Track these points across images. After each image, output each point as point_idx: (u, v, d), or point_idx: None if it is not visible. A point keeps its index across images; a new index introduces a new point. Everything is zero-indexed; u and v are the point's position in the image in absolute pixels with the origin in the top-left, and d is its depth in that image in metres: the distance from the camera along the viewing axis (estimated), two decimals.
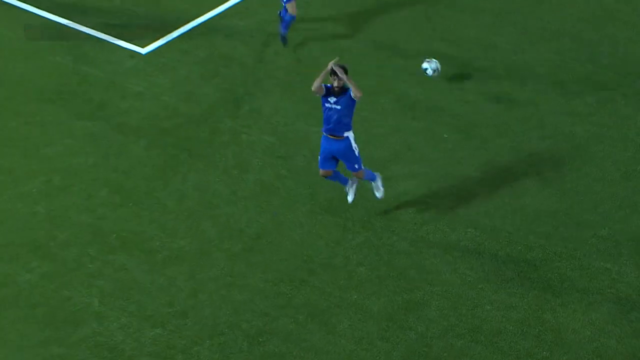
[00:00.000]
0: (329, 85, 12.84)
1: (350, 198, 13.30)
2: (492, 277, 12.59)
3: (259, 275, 12.69)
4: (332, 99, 12.73)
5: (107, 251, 13.00)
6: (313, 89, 12.65)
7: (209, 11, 17.01)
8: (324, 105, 12.81)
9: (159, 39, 16.56)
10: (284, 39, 16.09)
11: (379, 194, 13.31)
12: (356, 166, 12.96)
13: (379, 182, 13.32)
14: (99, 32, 16.65)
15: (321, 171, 13.04)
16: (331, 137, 12.83)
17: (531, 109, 15.28)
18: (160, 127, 15.01)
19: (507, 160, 14.37)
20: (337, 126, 12.73)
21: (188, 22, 16.95)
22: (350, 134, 12.83)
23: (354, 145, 12.86)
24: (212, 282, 12.59)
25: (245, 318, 12.15)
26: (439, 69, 15.08)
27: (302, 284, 12.57)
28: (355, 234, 13.20)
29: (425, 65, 15.09)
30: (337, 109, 12.74)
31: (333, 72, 12.66)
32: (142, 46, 16.48)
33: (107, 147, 14.60)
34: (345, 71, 12.68)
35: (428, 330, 11.97)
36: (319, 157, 12.98)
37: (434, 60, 15.16)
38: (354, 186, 13.31)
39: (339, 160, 13.04)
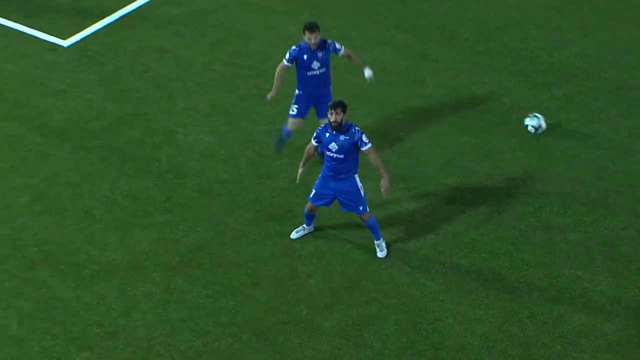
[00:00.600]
0: (321, 127, 12.45)
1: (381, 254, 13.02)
2: (454, 288, 12.63)
3: (198, 290, 12.61)
4: (333, 146, 12.34)
5: (27, 266, 12.85)
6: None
7: None
8: (324, 150, 12.49)
9: (83, 29, 16.49)
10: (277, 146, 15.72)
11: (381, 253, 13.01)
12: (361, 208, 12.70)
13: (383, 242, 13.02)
14: (13, 23, 16.49)
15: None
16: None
17: (494, 104, 15.39)
18: (85, 128, 14.91)
19: (470, 160, 14.45)
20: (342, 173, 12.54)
21: (115, 11, 16.88)
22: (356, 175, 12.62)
23: (359, 185, 12.63)
24: (146, 299, 12.49)
25: (184, 338, 12.07)
26: (543, 127, 14.38)
27: (247, 299, 12.51)
28: (304, 243, 13.18)
29: (527, 121, 14.50)
30: (340, 158, 12.42)
31: (331, 106, 12.31)
32: (64, 38, 16.37)
33: (26, 151, 14.48)
34: (343, 109, 12.29)
35: (385, 348, 11.96)
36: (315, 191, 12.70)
37: (538, 115, 14.51)
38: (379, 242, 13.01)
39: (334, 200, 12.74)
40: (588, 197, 13.85)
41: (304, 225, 13.13)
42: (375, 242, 12.96)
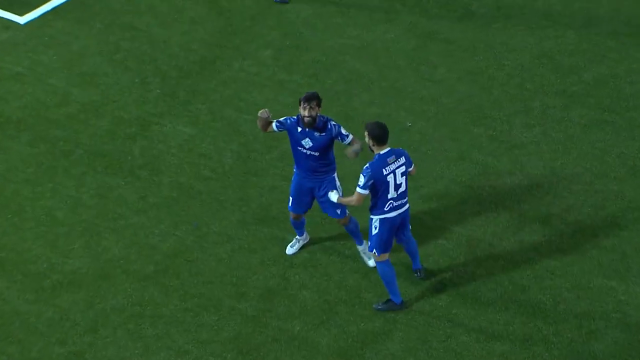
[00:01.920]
0: (293, 118, 12.29)
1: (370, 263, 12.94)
2: (468, 301, 12.60)
3: (175, 303, 12.58)
4: (307, 142, 12.19)
5: None
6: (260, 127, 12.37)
7: None
8: (294, 147, 12.30)
9: (42, 4, 16.50)
10: None
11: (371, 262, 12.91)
12: (338, 211, 12.63)
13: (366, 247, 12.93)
14: None
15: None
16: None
17: (514, 90, 15.34)
18: (47, 117, 14.89)
19: (486, 154, 14.44)
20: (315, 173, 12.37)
21: None
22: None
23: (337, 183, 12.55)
24: (116, 313, 12.45)
25: (159, 358, 12.07)
26: None
27: (231, 313, 12.47)
28: (297, 250, 13.09)
29: None
30: (314, 155, 12.26)
31: (305, 100, 12.04)
32: (21, 14, 16.41)
33: None
34: (318, 103, 12.05)
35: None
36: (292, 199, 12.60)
37: None
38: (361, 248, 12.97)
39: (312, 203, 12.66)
40: (623, 196, 13.84)
41: (297, 236, 13.04)
42: (359, 248, 12.90)
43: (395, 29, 16.40)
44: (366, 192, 11.82)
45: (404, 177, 12.00)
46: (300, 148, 12.26)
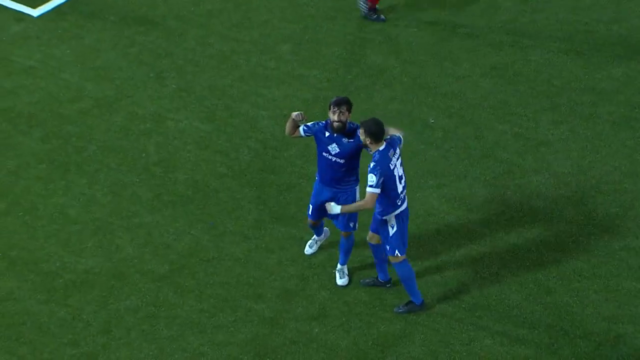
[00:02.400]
0: (322, 122, 12.16)
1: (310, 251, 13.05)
2: (492, 303, 12.60)
3: (191, 303, 12.60)
4: (333, 148, 12.05)
5: None
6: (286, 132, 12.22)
7: None
8: (319, 154, 12.16)
9: None
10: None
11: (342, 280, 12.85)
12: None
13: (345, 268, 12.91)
14: None
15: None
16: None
17: (541, 86, 15.32)
18: (59, 112, 14.94)
19: (511, 152, 14.42)
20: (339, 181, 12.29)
21: None
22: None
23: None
24: (130, 314, 12.48)
25: None
26: None
27: (248, 314, 12.49)
28: (316, 249, 13.14)
29: None
30: (339, 163, 12.13)
31: (335, 104, 11.93)
32: (34, 6, 16.45)
33: None
34: (349, 107, 11.94)
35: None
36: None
37: None
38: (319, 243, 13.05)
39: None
40: None
41: (315, 237, 13.05)
42: (339, 266, 12.80)
43: (417, 23, 16.39)
44: (379, 190, 11.80)
45: (402, 165, 12.02)
46: (325, 154, 12.11)
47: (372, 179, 11.76)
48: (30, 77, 15.43)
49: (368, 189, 11.78)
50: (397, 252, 12.16)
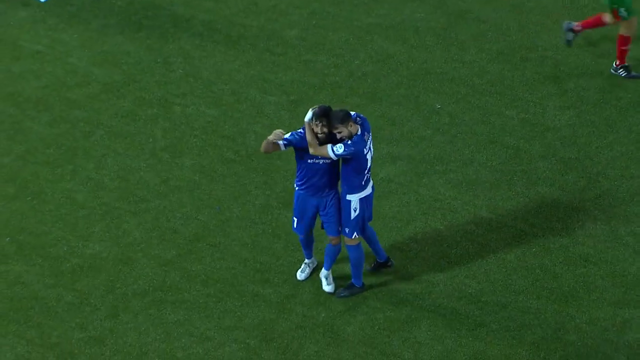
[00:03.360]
0: (300, 132, 11.83)
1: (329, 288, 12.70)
2: (499, 288, 12.59)
3: (198, 288, 12.61)
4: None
5: None
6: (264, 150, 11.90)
7: None
8: (303, 162, 11.97)
9: None
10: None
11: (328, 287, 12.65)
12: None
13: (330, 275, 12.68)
14: None
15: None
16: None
17: (548, 71, 15.30)
18: (67, 97, 14.95)
19: (517, 138, 14.41)
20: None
21: None
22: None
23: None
24: (137, 298, 12.49)
25: (181, 344, 12.07)
26: None
27: (255, 299, 12.50)
28: (322, 234, 13.14)
29: None
30: (326, 164, 11.92)
31: (319, 115, 11.75)
32: None
33: None
34: (329, 120, 11.67)
35: (417, 357, 11.97)
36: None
37: None
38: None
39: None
40: None
41: (306, 260, 12.66)
42: (324, 272, 12.58)
43: (424, 8, 16.35)
44: (335, 158, 11.73)
45: (372, 149, 11.99)
46: (312, 160, 11.90)
47: (340, 148, 11.65)
48: (38, 62, 15.42)
49: (329, 149, 11.63)
50: (355, 234, 12.13)
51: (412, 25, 16.02)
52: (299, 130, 11.93)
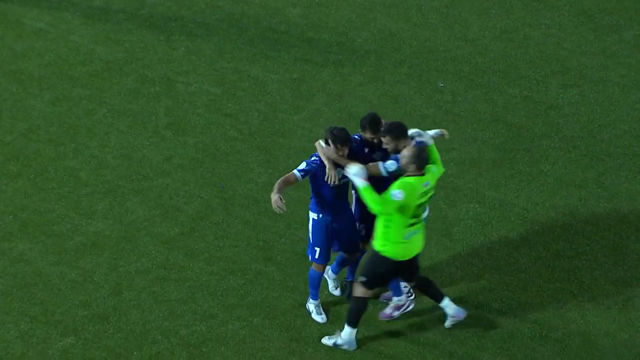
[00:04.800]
0: (316, 160, 11.21)
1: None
2: (502, 266, 12.59)
3: (201, 266, 12.62)
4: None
5: (1, 237, 12.90)
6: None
7: None
8: (324, 187, 11.38)
9: None
10: None
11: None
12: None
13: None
14: None
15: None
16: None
17: (551, 49, 15.26)
18: (69, 75, 14.94)
19: (520, 116, 14.39)
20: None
21: None
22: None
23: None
24: (141, 276, 12.51)
25: (184, 322, 12.08)
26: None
27: (258, 277, 12.51)
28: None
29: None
30: (346, 183, 11.36)
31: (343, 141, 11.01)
32: None
33: (0, 101, 14.52)
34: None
35: (420, 335, 11.96)
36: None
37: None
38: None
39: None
40: None
41: (314, 301, 12.01)
42: (333, 274, 12.29)
43: None
44: (385, 175, 11.18)
45: None
46: (332, 184, 11.30)
47: (393, 165, 11.12)
48: (41, 40, 15.42)
49: (380, 166, 11.17)
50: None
51: (415, 3, 15.98)
52: (314, 159, 11.35)
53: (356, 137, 11.46)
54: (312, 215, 11.63)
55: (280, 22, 15.72)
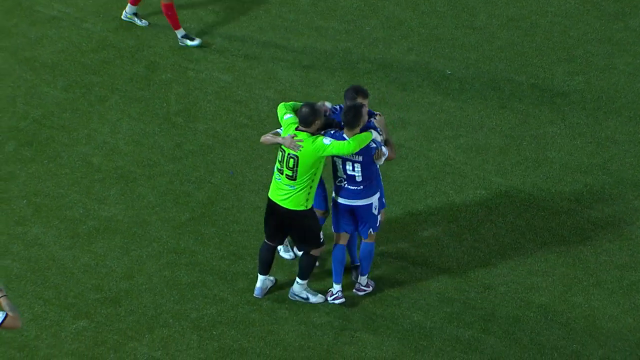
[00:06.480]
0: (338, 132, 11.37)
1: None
2: (508, 251, 12.59)
3: (211, 251, 12.63)
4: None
5: (15, 221, 12.91)
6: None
7: None
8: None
9: None
10: None
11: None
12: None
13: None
14: None
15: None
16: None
17: (558, 37, 15.23)
18: (82, 62, 14.93)
19: (527, 103, 14.36)
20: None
21: None
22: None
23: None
24: (152, 260, 12.53)
25: (195, 305, 12.10)
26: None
27: None
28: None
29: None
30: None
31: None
32: None
33: (14, 88, 14.52)
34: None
35: (427, 319, 11.95)
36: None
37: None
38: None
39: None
40: None
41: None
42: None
43: None
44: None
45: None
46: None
47: (378, 136, 11.46)
48: (54, 27, 15.38)
49: (383, 148, 11.51)
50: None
51: None
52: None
53: (337, 107, 11.79)
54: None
55: (290, 11, 15.69)
